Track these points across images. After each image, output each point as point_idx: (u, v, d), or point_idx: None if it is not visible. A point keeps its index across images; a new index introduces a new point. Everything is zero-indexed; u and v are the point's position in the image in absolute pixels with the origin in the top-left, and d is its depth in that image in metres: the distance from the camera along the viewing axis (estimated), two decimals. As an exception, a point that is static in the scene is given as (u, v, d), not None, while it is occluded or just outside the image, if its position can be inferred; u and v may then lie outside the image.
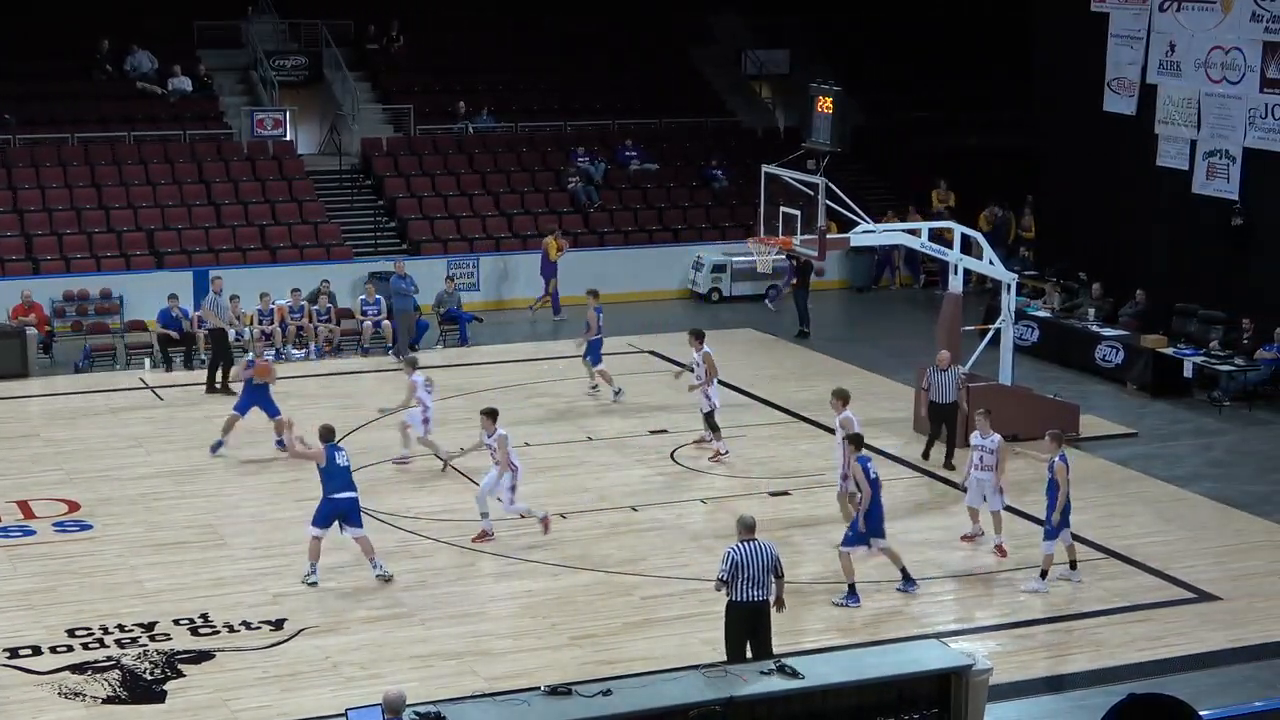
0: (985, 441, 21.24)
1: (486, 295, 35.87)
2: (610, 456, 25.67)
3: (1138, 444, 26.74)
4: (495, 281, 36.52)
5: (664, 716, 14.83)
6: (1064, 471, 19.92)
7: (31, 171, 36.15)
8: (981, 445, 21.24)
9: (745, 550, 16.54)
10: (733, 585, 16.54)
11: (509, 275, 36.68)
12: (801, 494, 23.61)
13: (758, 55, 44.74)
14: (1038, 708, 17.38)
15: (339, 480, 19.93)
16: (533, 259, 36.15)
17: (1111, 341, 30.71)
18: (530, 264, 36.20)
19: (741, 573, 16.49)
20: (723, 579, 16.57)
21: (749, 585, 16.53)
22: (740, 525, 16.81)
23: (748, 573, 16.50)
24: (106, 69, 39.01)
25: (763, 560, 16.57)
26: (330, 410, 27.53)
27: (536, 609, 19.44)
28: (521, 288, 36.51)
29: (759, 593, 16.61)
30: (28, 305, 31.27)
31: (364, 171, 39.21)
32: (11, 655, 17.93)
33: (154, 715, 16.70)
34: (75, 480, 24.01)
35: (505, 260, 36.76)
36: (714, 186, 40.37)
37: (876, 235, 28.03)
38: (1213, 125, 31.15)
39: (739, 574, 16.49)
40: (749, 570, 16.50)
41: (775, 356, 32.30)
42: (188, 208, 36.19)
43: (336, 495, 19.88)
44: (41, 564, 20.75)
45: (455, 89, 41.31)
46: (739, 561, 16.49)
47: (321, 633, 18.64)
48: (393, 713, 13.99)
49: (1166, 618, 19.54)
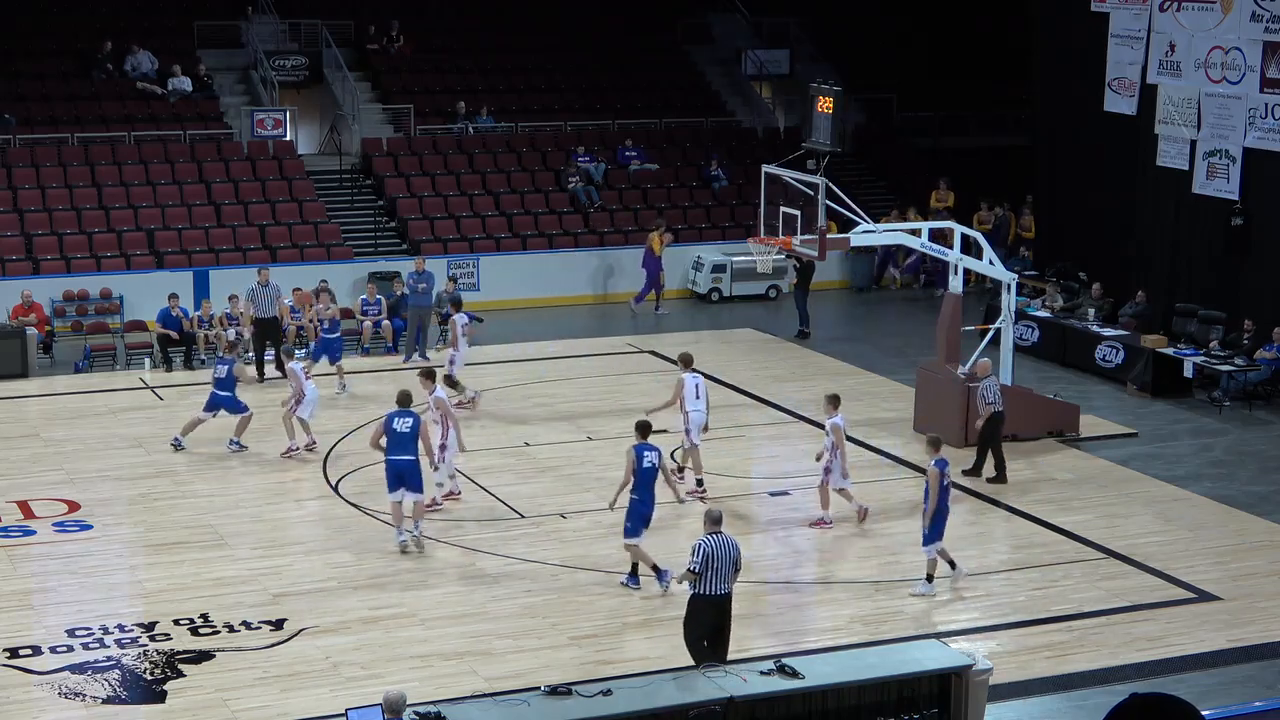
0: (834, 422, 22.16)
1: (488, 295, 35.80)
2: (611, 456, 25.61)
3: (1138, 444, 26.74)
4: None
5: (664, 717, 14.86)
6: (937, 478, 19.91)
7: (31, 171, 36.14)
8: None
9: (713, 543, 16.61)
10: (701, 578, 16.59)
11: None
12: (802, 494, 23.58)
13: (758, 55, 44.75)
14: (1038, 708, 17.37)
15: (395, 444, 21.01)
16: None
17: (1112, 341, 30.72)
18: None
19: (709, 566, 16.56)
20: (693, 570, 16.62)
21: (716, 579, 16.62)
22: (708, 519, 16.92)
23: (714, 566, 16.58)
24: (107, 69, 39.00)
25: (729, 554, 16.66)
26: (331, 410, 27.61)
27: (537, 609, 19.44)
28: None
29: (724, 587, 16.69)
30: (28, 305, 31.27)
31: (364, 171, 39.20)
32: (11, 655, 17.93)
33: (154, 715, 16.70)
34: (75, 480, 24.01)
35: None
36: (714, 187, 40.37)
37: (877, 235, 28.02)
38: (1213, 125, 31.15)
39: (707, 567, 16.55)
40: (716, 563, 16.58)
41: (775, 356, 32.30)
42: (188, 208, 36.19)
43: (393, 458, 20.99)
44: (41, 564, 20.76)
45: (455, 89, 41.31)
46: (709, 554, 16.54)
47: (322, 633, 18.64)
48: (393, 713, 14.00)
49: (1167, 618, 19.55)
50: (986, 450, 24.41)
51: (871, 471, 24.83)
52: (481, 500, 23.09)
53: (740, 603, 19.56)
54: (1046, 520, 22.82)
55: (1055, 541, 22.05)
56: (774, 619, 19.46)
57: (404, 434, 21.02)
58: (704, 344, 32.84)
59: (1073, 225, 35.04)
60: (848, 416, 27.58)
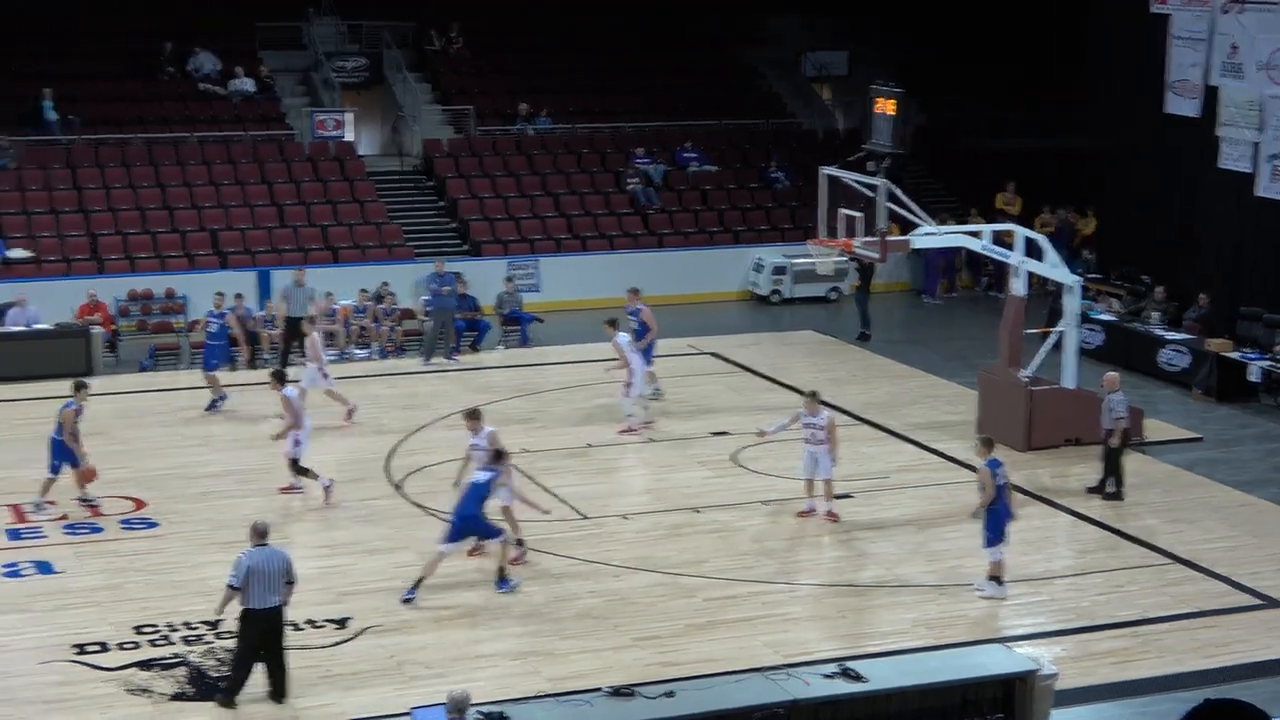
0: (816, 419, 22.44)
1: (548, 295, 35.86)
2: (671, 458, 25.69)
3: (1202, 449, 26.58)
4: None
5: (726, 719, 14.86)
6: (989, 478, 19.83)
7: (96, 172, 36.44)
8: (812, 422, 22.41)
9: (258, 556, 16.83)
10: (247, 591, 16.70)
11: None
12: (864, 497, 23.55)
13: (817, 56, 44.69)
14: (1103, 713, 17.30)
15: None
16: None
17: (1176, 345, 30.53)
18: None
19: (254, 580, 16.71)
20: (232, 585, 16.78)
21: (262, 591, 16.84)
22: (253, 532, 17.13)
23: (259, 579, 16.73)
24: (170, 70, 39.28)
25: (276, 567, 16.84)
26: (394, 410, 27.77)
27: (599, 610, 19.47)
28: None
29: (272, 600, 16.85)
30: (93, 305, 31.53)
31: (425, 172, 39.35)
32: (80, 651, 18.09)
33: (219, 713, 16.80)
34: (141, 478, 24.19)
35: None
36: (774, 188, 40.34)
37: (938, 237, 27.93)
38: (1276, 128, 30.92)
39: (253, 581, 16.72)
40: (261, 577, 16.72)
41: (836, 359, 32.25)
42: (250, 208, 36.42)
43: None
44: (108, 561, 20.94)
45: (515, 90, 41.42)
46: (250, 568, 16.69)
47: (386, 632, 18.72)
48: (457, 712, 14.06)
49: (1232, 624, 19.42)
50: (1118, 466, 23.97)
51: (933, 474, 24.78)
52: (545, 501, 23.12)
53: (802, 605, 19.67)
54: (1111, 525, 22.71)
55: (1120, 546, 21.94)
56: (837, 622, 19.44)
57: None
58: (764, 346, 32.91)
59: (1135, 228, 34.85)
60: (910, 419, 27.65)
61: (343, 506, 23.03)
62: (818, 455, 22.43)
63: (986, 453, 20.09)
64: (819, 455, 22.42)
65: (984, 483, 19.84)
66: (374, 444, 25.92)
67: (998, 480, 19.80)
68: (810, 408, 22.61)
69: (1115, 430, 23.69)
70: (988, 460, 19.98)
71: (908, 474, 24.86)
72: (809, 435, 22.45)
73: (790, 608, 19.66)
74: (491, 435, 21.24)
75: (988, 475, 19.79)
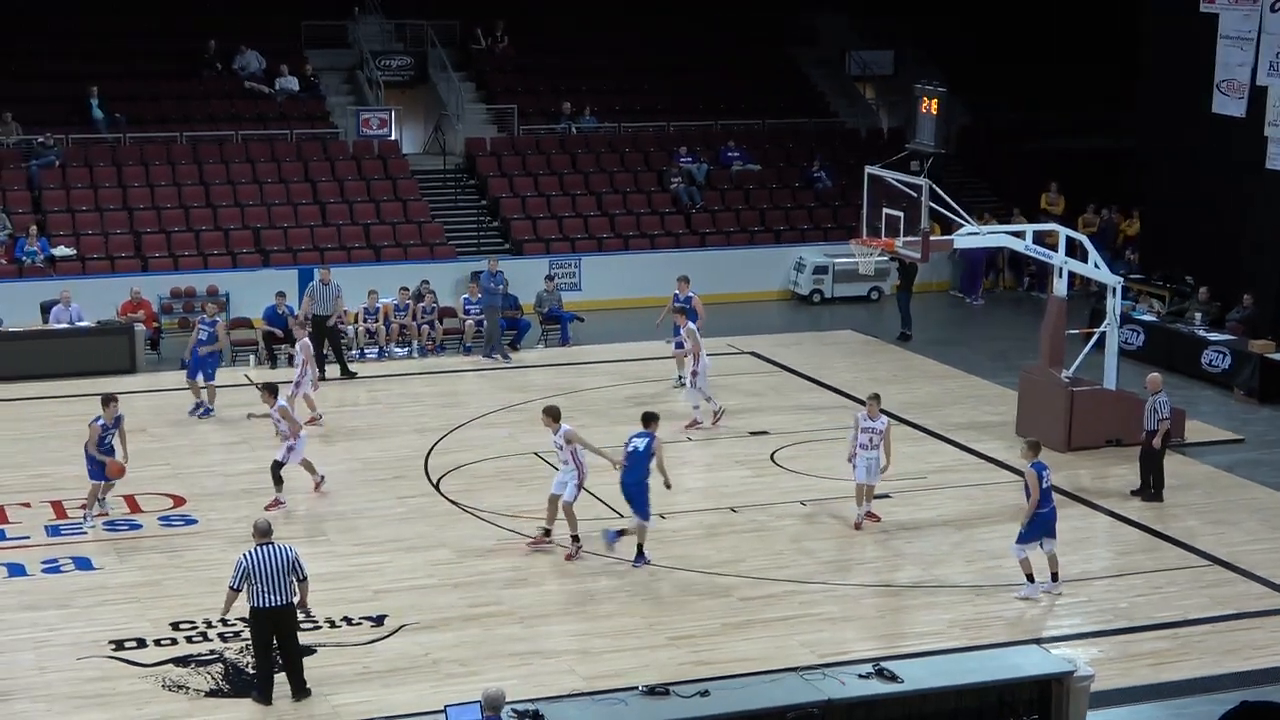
0: (876, 424, 22.10)
1: (590, 294, 35.87)
2: (710, 457, 25.67)
3: (1244, 450, 26.42)
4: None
5: (761, 718, 14.83)
6: (1036, 481, 19.71)
7: (140, 170, 36.63)
8: (871, 427, 22.08)
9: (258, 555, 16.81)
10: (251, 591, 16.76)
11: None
12: (902, 497, 23.48)
13: (861, 56, 44.59)
14: (1140, 715, 17.21)
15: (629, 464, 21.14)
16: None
17: (1218, 346, 30.34)
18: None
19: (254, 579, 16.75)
20: (233, 587, 16.84)
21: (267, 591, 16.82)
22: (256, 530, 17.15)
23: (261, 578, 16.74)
24: (215, 68, 39.46)
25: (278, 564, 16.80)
26: (435, 408, 27.83)
27: (635, 609, 19.47)
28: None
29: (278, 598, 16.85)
30: (136, 302, 31.68)
31: (468, 171, 39.41)
32: (117, 647, 18.19)
33: (255, 709, 16.86)
34: (181, 475, 24.31)
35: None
36: (817, 187, 40.26)
37: (980, 237, 27.81)
38: (1324, 128, 30.70)
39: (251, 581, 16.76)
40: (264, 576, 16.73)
41: (877, 359, 32.16)
42: (294, 206, 36.55)
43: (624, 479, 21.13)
44: (147, 557, 21.03)
45: (559, 89, 41.45)
46: (248, 570, 16.73)
47: (422, 629, 18.76)
48: (492, 710, 14.08)
49: (1271, 626, 19.30)
50: (1158, 467, 23.85)
51: (972, 475, 24.69)
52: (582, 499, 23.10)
53: (839, 605, 19.62)
54: (1150, 526, 22.59)
55: (1159, 547, 21.82)
56: (873, 622, 19.40)
57: (635, 451, 21.02)
58: (804, 345, 32.85)
59: (1179, 228, 34.63)
60: (951, 420, 27.57)
61: (379, 504, 23.10)
62: (872, 462, 22.13)
63: (1033, 455, 20.00)
64: (874, 462, 22.13)
65: (1030, 486, 19.75)
66: (413, 442, 25.98)
67: (1043, 484, 19.72)
68: (871, 412, 22.30)
69: (1159, 431, 23.55)
70: (1033, 463, 19.89)
71: (947, 474, 24.78)
72: (866, 440, 22.13)
73: (827, 607, 19.63)
74: (568, 433, 21.32)
75: (1034, 478, 19.71)
